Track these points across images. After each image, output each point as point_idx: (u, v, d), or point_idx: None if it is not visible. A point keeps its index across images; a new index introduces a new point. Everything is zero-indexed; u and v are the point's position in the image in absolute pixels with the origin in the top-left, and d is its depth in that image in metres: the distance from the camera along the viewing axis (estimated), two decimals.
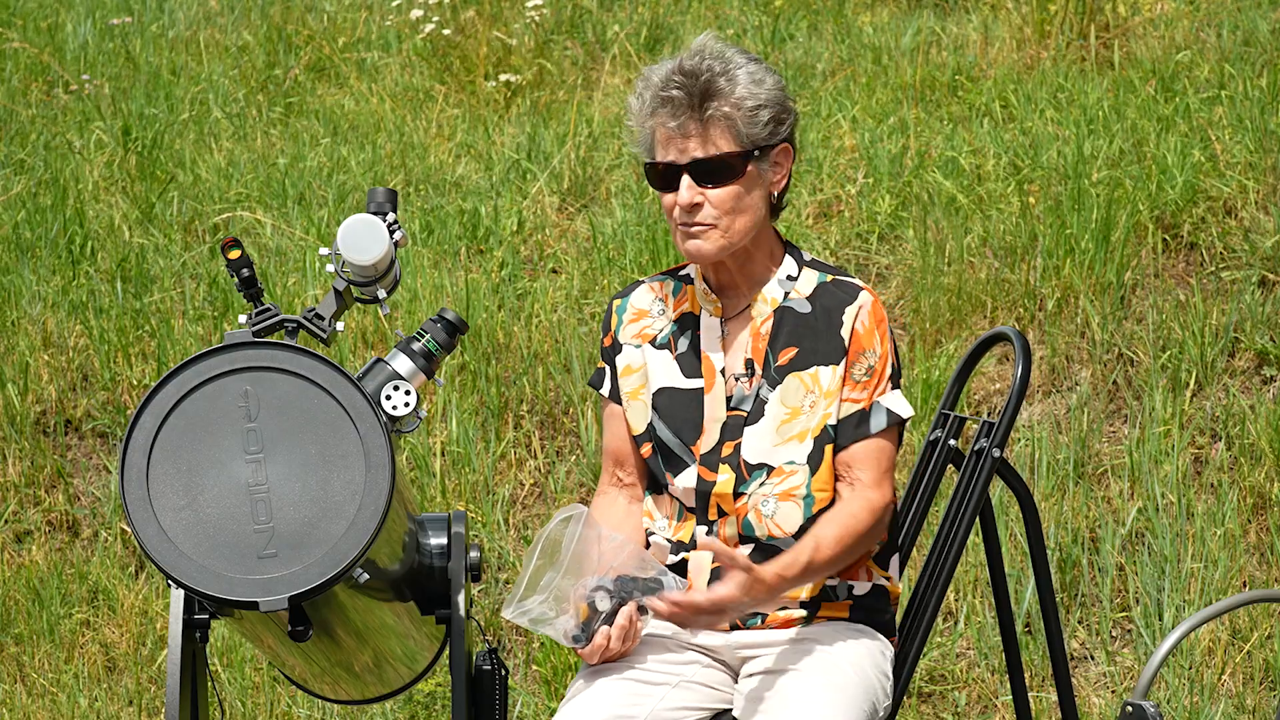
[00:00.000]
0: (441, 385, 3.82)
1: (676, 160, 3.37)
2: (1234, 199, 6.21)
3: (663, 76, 3.38)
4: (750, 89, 3.36)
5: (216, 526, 3.05)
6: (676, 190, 3.38)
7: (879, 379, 3.42)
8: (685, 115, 3.35)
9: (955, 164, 6.59)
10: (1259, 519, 5.34)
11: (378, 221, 3.26)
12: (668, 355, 3.49)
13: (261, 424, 3.07)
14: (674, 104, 3.35)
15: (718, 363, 3.46)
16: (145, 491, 3.04)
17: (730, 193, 3.37)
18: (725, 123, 3.35)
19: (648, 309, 3.54)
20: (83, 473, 6.07)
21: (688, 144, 3.36)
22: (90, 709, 5.31)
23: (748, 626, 3.42)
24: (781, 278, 3.46)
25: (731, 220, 3.38)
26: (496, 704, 3.45)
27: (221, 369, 3.10)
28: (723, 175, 3.37)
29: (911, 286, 6.15)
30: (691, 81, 3.35)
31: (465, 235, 6.69)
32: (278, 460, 3.07)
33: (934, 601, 3.54)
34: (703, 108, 3.34)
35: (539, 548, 3.25)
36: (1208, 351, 5.71)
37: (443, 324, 3.33)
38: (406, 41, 8.11)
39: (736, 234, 3.39)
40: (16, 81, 8.22)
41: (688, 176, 3.37)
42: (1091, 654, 5.16)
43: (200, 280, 6.60)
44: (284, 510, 3.06)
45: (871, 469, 3.41)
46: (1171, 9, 7.44)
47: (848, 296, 3.44)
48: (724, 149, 3.36)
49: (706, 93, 3.35)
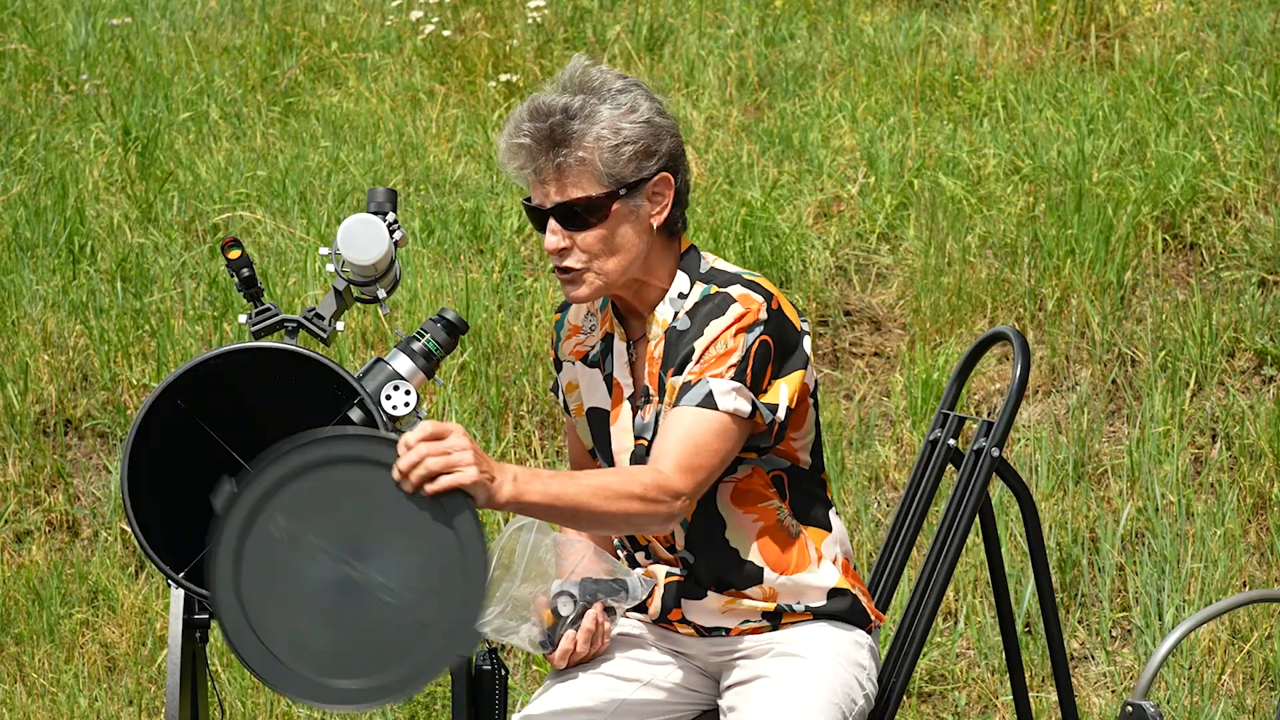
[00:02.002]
0: (441, 385, 3.82)
1: (541, 204, 3.25)
2: (1234, 199, 6.21)
3: (516, 120, 3.23)
4: (614, 124, 3.20)
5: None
6: (545, 231, 3.26)
7: (716, 363, 3.22)
8: (539, 160, 3.21)
9: (956, 164, 6.59)
10: (1259, 519, 5.34)
11: (378, 221, 3.26)
12: (598, 374, 3.42)
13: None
14: (526, 151, 3.21)
15: (626, 389, 3.37)
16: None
17: (596, 236, 3.23)
18: (580, 166, 3.20)
19: (580, 324, 3.47)
20: (83, 473, 6.07)
21: (547, 190, 3.23)
22: (90, 709, 5.31)
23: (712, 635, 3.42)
24: (673, 296, 3.31)
25: (603, 263, 3.24)
26: (496, 704, 3.45)
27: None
28: (586, 218, 3.23)
29: (911, 286, 6.15)
30: (542, 127, 3.20)
31: (465, 235, 6.69)
32: None
33: (933, 601, 3.54)
34: (555, 152, 3.20)
35: (494, 559, 3.18)
36: (1207, 351, 5.71)
37: (443, 324, 3.33)
38: (406, 42, 8.11)
39: (611, 274, 3.25)
40: (16, 81, 8.22)
41: (553, 220, 3.23)
42: (1091, 654, 5.16)
43: (200, 280, 6.60)
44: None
45: (669, 446, 3.16)
46: (1171, 9, 7.44)
47: (718, 310, 3.25)
48: (584, 192, 3.21)
49: (556, 139, 3.20)
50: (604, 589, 3.29)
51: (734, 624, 3.38)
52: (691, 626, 3.41)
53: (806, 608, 3.38)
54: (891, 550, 3.75)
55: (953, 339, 5.94)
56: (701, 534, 3.34)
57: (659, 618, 3.42)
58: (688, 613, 3.39)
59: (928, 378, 5.75)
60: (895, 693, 3.48)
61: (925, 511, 3.76)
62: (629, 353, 3.38)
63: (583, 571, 3.29)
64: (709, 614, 3.38)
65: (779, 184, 6.67)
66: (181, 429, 3.14)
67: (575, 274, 3.26)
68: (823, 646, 3.36)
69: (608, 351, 3.41)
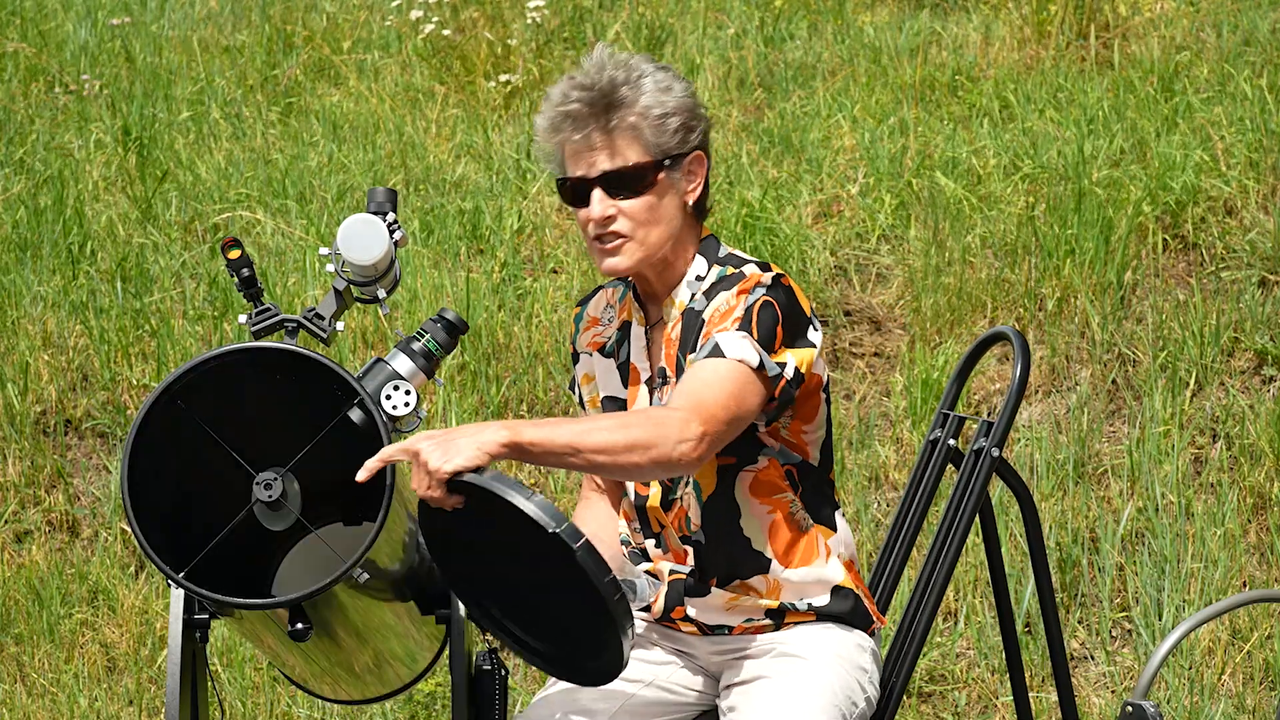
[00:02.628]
0: (441, 385, 3.82)
1: (586, 174, 3.29)
2: (1234, 199, 6.21)
3: (563, 91, 3.29)
4: (657, 97, 3.27)
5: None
6: (588, 205, 3.29)
7: (723, 320, 3.26)
8: (590, 128, 3.26)
9: (955, 164, 6.59)
10: (1259, 519, 5.34)
11: (378, 221, 3.26)
12: (612, 364, 3.46)
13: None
14: (575, 118, 3.26)
15: (643, 373, 3.41)
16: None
17: (643, 204, 3.29)
18: (632, 133, 3.26)
19: (599, 316, 3.51)
20: (83, 473, 6.07)
21: (595, 157, 3.28)
22: (90, 709, 5.31)
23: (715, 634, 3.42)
24: (690, 279, 3.37)
25: (647, 232, 3.29)
26: (496, 704, 3.45)
27: None
28: (634, 186, 3.28)
29: (911, 286, 6.15)
30: (593, 93, 3.26)
31: (465, 235, 6.69)
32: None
33: (933, 601, 3.54)
34: (607, 118, 3.26)
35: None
36: (1207, 351, 5.71)
37: (443, 324, 3.33)
38: (406, 41, 8.11)
39: (653, 245, 3.31)
40: (16, 82, 8.22)
41: (599, 190, 3.28)
42: (1091, 654, 5.16)
43: (200, 280, 6.60)
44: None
45: (683, 388, 3.18)
46: (1171, 9, 7.44)
47: (727, 285, 3.31)
48: (633, 159, 3.27)
49: (610, 103, 3.26)
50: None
51: (737, 622, 3.39)
52: (694, 625, 3.41)
53: (810, 606, 3.38)
54: (891, 550, 3.75)
55: (952, 339, 5.94)
56: (717, 518, 3.36)
57: (662, 616, 3.42)
58: (691, 610, 3.39)
59: (927, 378, 5.75)
60: (895, 693, 3.48)
61: (925, 511, 3.76)
62: (646, 337, 3.41)
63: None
64: (713, 611, 3.39)
65: (779, 184, 6.67)
66: (181, 429, 3.14)
67: (619, 243, 3.30)
68: (824, 648, 3.36)
69: (624, 339, 3.43)
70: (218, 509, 3.16)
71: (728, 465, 3.34)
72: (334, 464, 3.20)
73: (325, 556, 3.23)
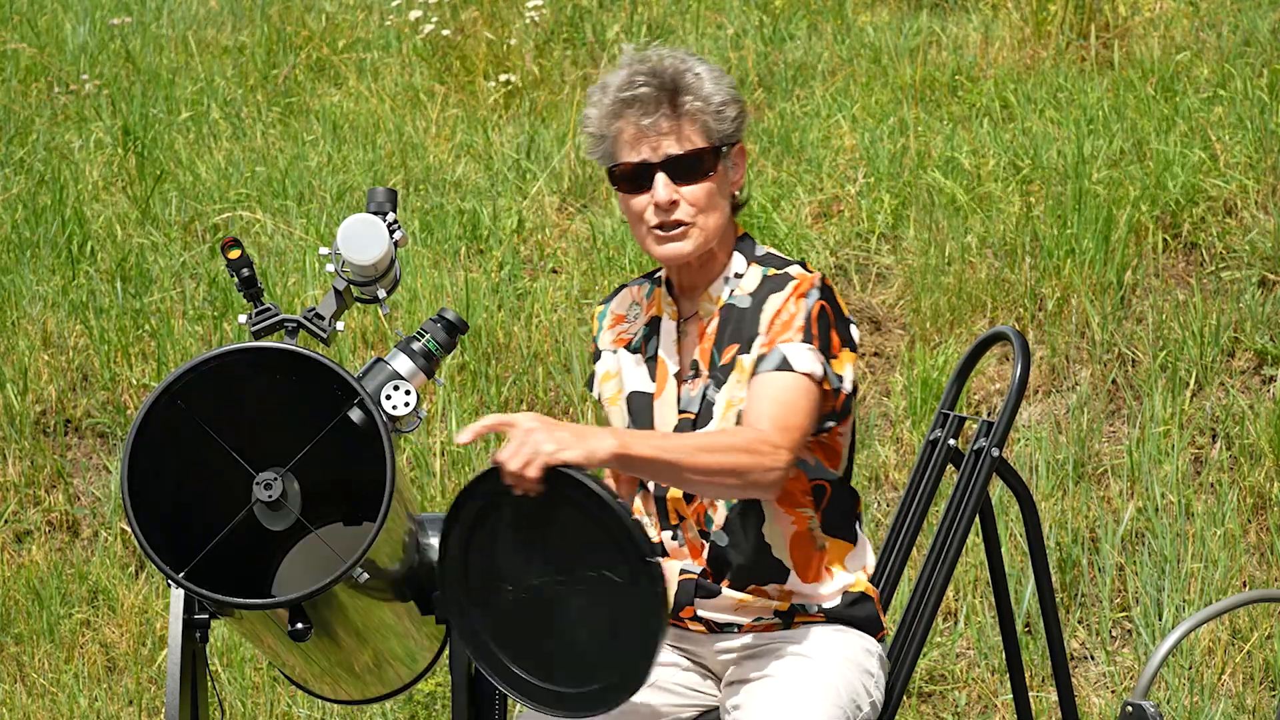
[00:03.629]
0: (441, 385, 3.82)
1: (649, 159, 3.30)
2: (1234, 199, 6.21)
3: (624, 78, 3.30)
4: (716, 84, 3.31)
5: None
6: (649, 190, 3.30)
7: (785, 329, 3.28)
8: (657, 113, 3.28)
9: (955, 164, 6.59)
10: (1259, 519, 5.34)
11: (378, 221, 3.26)
12: (639, 359, 3.46)
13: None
14: (643, 101, 3.28)
15: (671, 367, 3.41)
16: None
17: (705, 190, 3.31)
18: (699, 118, 3.29)
19: (625, 314, 3.51)
20: (83, 473, 6.07)
21: (661, 141, 3.29)
22: (90, 709, 5.31)
23: (724, 631, 3.42)
24: (729, 275, 3.38)
25: (707, 218, 3.32)
26: (496, 704, 3.45)
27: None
28: (697, 172, 3.30)
29: (911, 286, 6.15)
30: (659, 79, 3.28)
31: (465, 235, 6.69)
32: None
33: (933, 601, 3.54)
34: (675, 102, 3.28)
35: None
36: (1207, 351, 5.71)
37: (443, 324, 3.33)
38: (406, 41, 8.11)
39: (711, 232, 3.33)
40: (16, 81, 8.23)
41: (663, 175, 3.30)
42: (1091, 654, 5.16)
43: (200, 280, 6.60)
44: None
45: (763, 408, 3.21)
46: (1171, 9, 7.44)
47: (777, 286, 3.33)
48: (697, 144, 3.30)
49: (677, 88, 3.28)
50: None
51: (746, 621, 3.39)
52: (703, 623, 3.41)
53: (820, 608, 3.38)
54: (891, 551, 3.75)
55: (952, 339, 5.94)
56: (742, 520, 3.36)
57: (671, 614, 3.41)
58: (701, 609, 3.39)
59: (927, 378, 5.75)
60: (895, 693, 3.47)
61: (925, 512, 3.76)
62: (677, 330, 3.42)
63: None
64: (723, 611, 3.38)
65: (778, 184, 6.67)
66: (181, 429, 3.14)
67: (684, 228, 3.31)
68: (831, 649, 3.36)
69: (652, 334, 3.44)
70: (218, 509, 3.16)
71: None
72: (334, 464, 3.20)
73: (325, 556, 3.23)
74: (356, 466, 3.16)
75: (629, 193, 3.33)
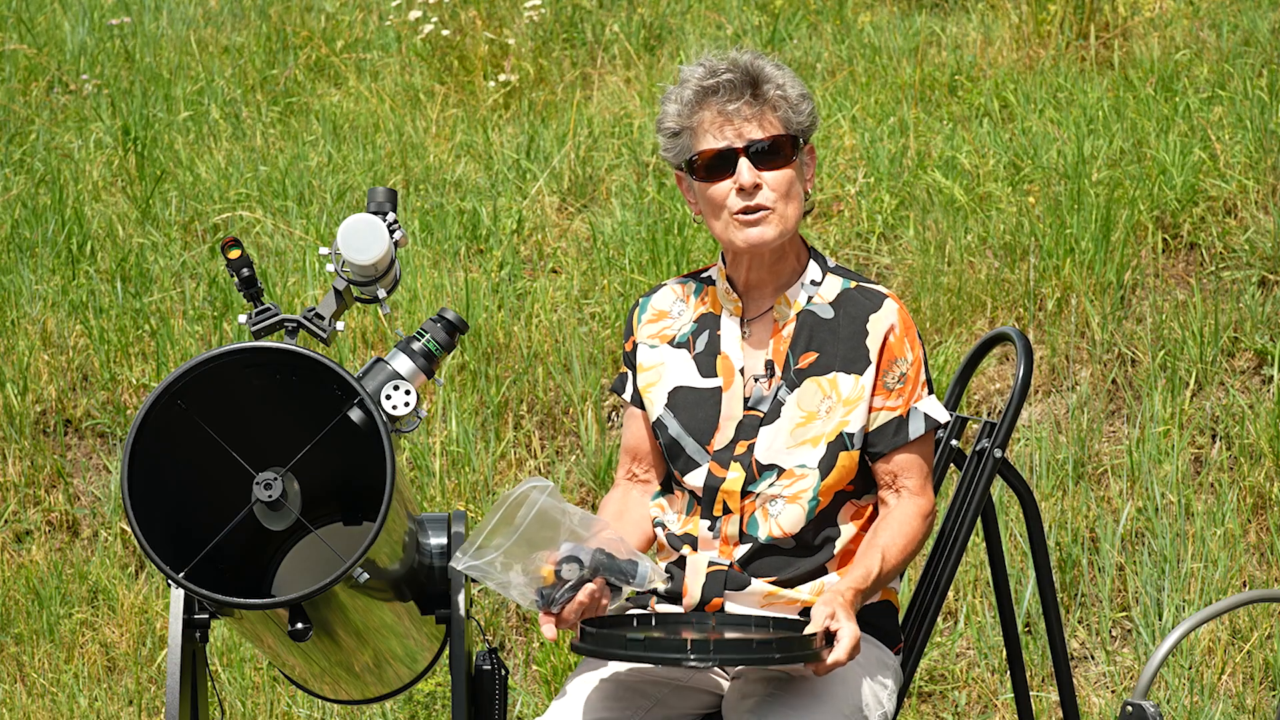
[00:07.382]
0: (441, 385, 3.82)
1: (732, 144, 3.37)
2: (1234, 199, 6.21)
3: (705, 71, 3.39)
4: (791, 79, 3.41)
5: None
6: (732, 175, 3.37)
7: (913, 385, 3.42)
8: (740, 99, 3.36)
9: (955, 164, 6.59)
10: (1259, 519, 5.34)
11: (378, 221, 3.26)
12: (685, 354, 3.49)
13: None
14: (727, 89, 3.36)
15: (737, 362, 3.45)
16: None
17: (785, 176, 3.38)
18: (779, 107, 3.37)
19: (668, 310, 3.54)
20: (83, 473, 6.07)
21: (744, 127, 3.37)
22: (90, 709, 5.31)
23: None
24: (806, 282, 3.45)
25: (786, 206, 3.39)
26: (496, 704, 3.45)
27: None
28: (779, 157, 3.37)
29: (911, 286, 6.15)
30: (740, 69, 3.37)
31: (465, 235, 6.69)
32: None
33: (936, 602, 3.54)
34: (757, 90, 3.36)
35: (502, 508, 3.22)
36: (1207, 351, 5.71)
37: (443, 324, 3.33)
38: (405, 41, 8.11)
39: (790, 222, 3.40)
40: (16, 81, 8.22)
41: (746, 159, 3.36)
42: (1091, 654, 5.16)
43: (200, 280, 6.60)
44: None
45: (915, 475, 3.41)
46: (1171, 9, 7.44)
47: (872, 304, 3.42)
48: (779, 130, 3.37)
49: (758, 77, 3.37)
50: (613, 565, 3.27)
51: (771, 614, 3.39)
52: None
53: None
54: None
55: (952, 339, 5.94)
56: (815, 534, 3.42)
57: (696, 607, 3.42)
58: (730, 602, 3.39)
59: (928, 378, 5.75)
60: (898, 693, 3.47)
61: None
62: (743, 328, 3.46)
63: (600, 543, 3.27)
64: (750, 605, 3.39)
65: None
66: (181, 429, 3.14)
67: (765, 213, 3.38)
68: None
69: (703, 330, 3.47)
70: (218, 509, 3.16)
71: (846, 491, 3.43)
72: (334, 464, 3.20)
73: (325, 556, 3.23)
74: (357, 467, 3.16)
75: (709, 180, 3.39)
